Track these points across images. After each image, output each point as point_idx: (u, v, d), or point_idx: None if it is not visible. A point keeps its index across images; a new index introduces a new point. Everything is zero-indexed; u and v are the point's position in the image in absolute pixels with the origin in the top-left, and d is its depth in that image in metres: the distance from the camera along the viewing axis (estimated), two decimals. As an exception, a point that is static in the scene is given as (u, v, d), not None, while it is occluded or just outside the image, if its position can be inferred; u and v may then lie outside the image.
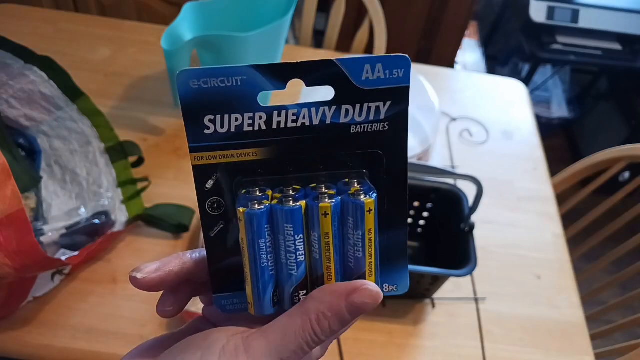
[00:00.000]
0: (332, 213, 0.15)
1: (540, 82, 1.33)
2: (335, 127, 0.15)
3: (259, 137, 0.15)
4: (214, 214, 0.16)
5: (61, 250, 0.43)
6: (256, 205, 0.15)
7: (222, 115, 0.15)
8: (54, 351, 0.40)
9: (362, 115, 0.15)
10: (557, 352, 0.46)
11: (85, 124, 0.49)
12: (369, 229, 0.15)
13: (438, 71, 0.73)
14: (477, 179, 0.41)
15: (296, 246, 0.15)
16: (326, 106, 0.15)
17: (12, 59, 0.46)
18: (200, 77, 0.14)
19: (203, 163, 0.15)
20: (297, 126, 0.15)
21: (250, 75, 0.15)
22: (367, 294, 0.15)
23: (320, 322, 0.15)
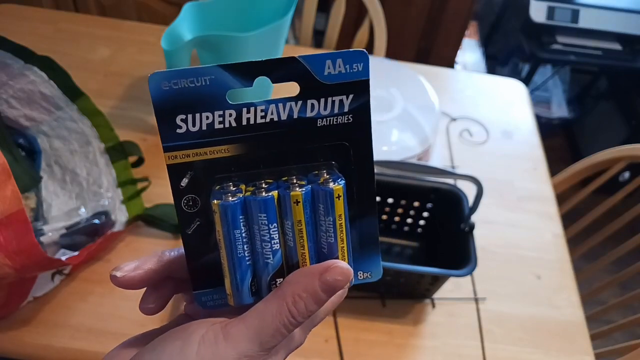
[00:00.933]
0: (304, 201, 0.16)
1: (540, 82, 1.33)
2: (303, 121, 0.16)
3: (230, 134, 0.16)
4: (190, 212, 0.16)
5: (61, 250, 0.43)
6: (230, 197, 0.16)
7: (193, 114, 0.15)
8: (54, 351, 0.40)
9: (327, 109, 0.16)
10: (557, 352, 0.46)
11: (85, 124, 0.49)
12: (339, 215, 0.16)
13: (438, 71, 0.73)
14: (477, 179, 0.41)
15: (271, 235, 0.16)
16: (292, 101, 0.16)
17: (12, 59, 0.46)
18: (171, 78, 0.15)
19: (177, 162, 0.16)
20: (265, 122, 0.16)
21: (218, 75, 0.15)
22: (338, 272, 0.15)
23: (296, 303, 0.15)
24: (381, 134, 0.56)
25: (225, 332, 0.15)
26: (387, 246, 0.51)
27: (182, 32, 0.52)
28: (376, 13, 0.75)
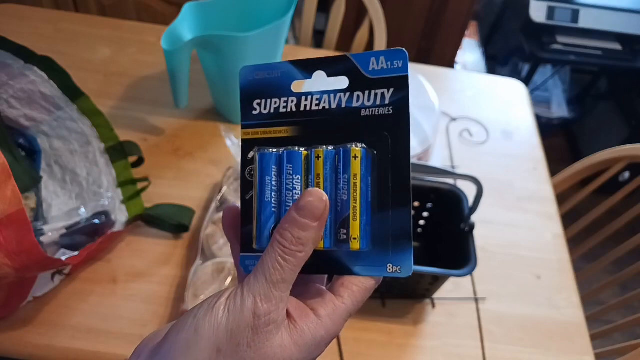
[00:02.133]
0: (325, 157, 0.18)
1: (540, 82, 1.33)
2: (349, 110, 0.18)
3: (290, 118, 0.19)
4: (250, 180, 0.19)
5: (61, 250, 0.43)
6: (269, 150, 0.19)
7: (265, 99, 0.19)
8: (54, 351, 0.40)
9: (370, 100, 0.18)
10: (557, 352, 0.46)
11: (85, 124, 0.49)
12: (354, 174, 0.18)
13: (438, 71, 0.73)
14: (477, 179, 0.41)
15: (294, 184, 0.18)
16: (342, 93, 0.18)
17: (12, 59, 0.46)
18: (255, 70, 0.19)
19: (248, 137, 0.19)
20: (319, 109, 0.19)
21: (287, 68, 0.19)
22: (308, 194, 0.17)
23: (283, 234, 0.17)
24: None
25: (244, 283, 0.17)
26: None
27: (182, 32, 0.52)
28: (376, 13, 0.75)
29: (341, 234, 0.18)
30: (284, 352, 0.16)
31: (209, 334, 0.16)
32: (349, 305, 0.18)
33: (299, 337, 0.17)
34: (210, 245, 0.45)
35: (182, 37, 0.51)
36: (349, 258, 0.18)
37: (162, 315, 0.43)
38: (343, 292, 0.18)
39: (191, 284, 0.42)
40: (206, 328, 0.16)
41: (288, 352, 0.16)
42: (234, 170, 0.51)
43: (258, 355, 0.16)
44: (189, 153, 0.56)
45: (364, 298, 0.18)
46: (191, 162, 0.55)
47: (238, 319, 0.16)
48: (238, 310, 0.16)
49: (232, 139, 0.51)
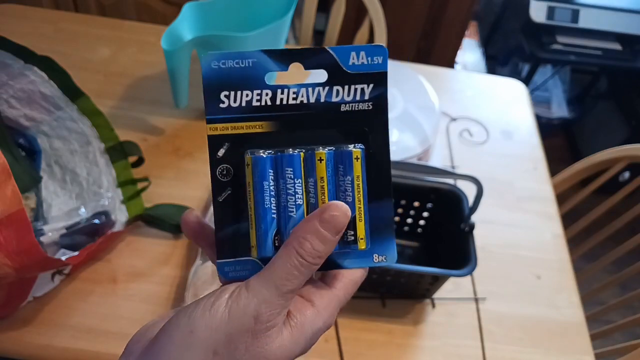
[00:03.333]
0: (327, 159, 0.17)
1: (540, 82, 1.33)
2: (329, 105, 0.18)
3: (265, 112, 0.17)
4: (223, 180, 0.18)
5: (61, 250, 0.43)
6: (262, 153, 0.17)
7: (235, 92, 0.17)
8: (54, 351, 0.40)
9: (350, 95, 0.18)
10: (557, 352, 0.46)
11: (85, 124, 0.49)
12: (357, 176, 0.18)
13: (438, 71, 0.73)
14: (477, 179, 0.41)
15: (295, 189, 0.17)
16: (321, 87, 0.18)
17: (12, 59, 0.46)
18: (220, 59, 0.17)
19: (216, 133, 0.17)
20: (296, 103, 0.18)
21: (260, 58, 0.17)
22: (333, 207, 0.17)
23: (302, 244, 0.16)
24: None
25: (246, 285, 0.16)
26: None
27: (182, 32, 0.52)
28: (376, 13, 0.75)
29: (348, 236, 0.18)
30: (283, 351, 0.16)
31: (206, 336, 0.15)
32: (341, 296, 0.18)
33: (299, 334, 0.17)
34: (210, 245, 0.45)
35: (182, 37, 0.51)
36: (337, 252, 0.18)
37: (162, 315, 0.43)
38: (336, 283, 0.18)
39: (191, 284, 0.42)
40: (203, 329, 0.15)
41: (287, 351, 0.16)
42: (234, 170, 0.51)
43: (256, 358, 0.16)
44: (189, 153, 0.56)
45: (354, 289, 0.19)
46: (191, 162, 0.55)
47: (238, 323, 0.15)
48: (240, 314, 0.16)
49: (232, 139, 0.50)
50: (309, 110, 0.18)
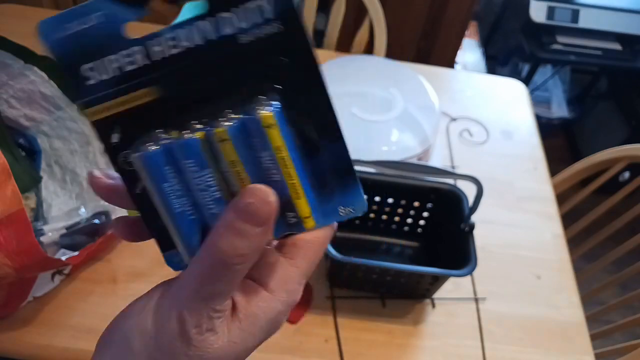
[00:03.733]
0: (231, 137, 0.13)
1: (540, 82, 1.33)
2: (222, 42, 0.13)
3: (145, 75, 0.13)
4: (131, 169, 0.14)
5: (61, 250, 0.43)
6: (150, 147, 0.13)
7: (97, 61, 0.13)
8: (54, 351, 0.40)
9: (246, 20, 0.13)
10: (557, 352, 0.46)
11: (85, 124, 0.49)
12: (276, 147, 0.13)
13: (438, 71, 0.73)
14: (477, 179, 0.41)
15: (206, 182, 0.14)
16: (202, 20, 0.13)
17: (12, 59, 0.46)
18: (60, 23, 0.13)
19: (101, 117, 0.14)
20: (181, 51, 0.13)
21: (107, 8, 0.13)
22: (248, 194, 0.13)
23: (217, 242, 0.13)
24: (381, 134, 0.56)
25: (169, 288, 0.14)
26: (387, 246, 0.51)
27: (182, 32, 0.51)
28: (376, 13, 0.75)
29: (289, 218, 0.14)
30: (234, 349, 0.14)
31: (141, 349, 0.14)
32: (304, 268, 0.15)
33: (251, 324, 0.14)
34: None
35: (182, 37, 0.51)
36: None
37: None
38: (295, 253, 0.15)
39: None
40: (137, 342, 0.14)
41: (239, 346, 0.14)
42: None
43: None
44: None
45: (319, 255, 0.15)
46: (191, 162, 0.55)
47: (166, 332, 0.14)
48: (165, 323, 0.14)
49: (232, 139, 0.50)
50: (199, 56, 0.13)
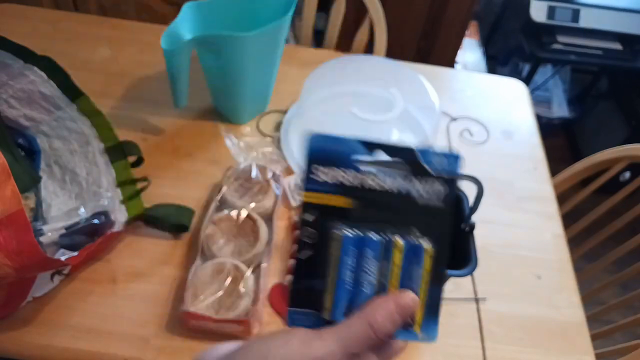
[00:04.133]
0: (404, 250, 0.20)
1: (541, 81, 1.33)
2: (406, 196, 0.20)
3: (350, 190, 0.20)
4: (307, 242, 0.20)
5: (60, 250, 0.43)
6: (348, 232, 0.20)
7: (329, 168, 0.20)
8: (54, 351, 0.40)
9: (427, 192, 0.20)
10: (557, 352, 0.46)
11: (85, 124, 0.49)
12: (426, 270, 0.20)
13: (438, 71, 0.73)
14: (478, 179, 0.40)
15: (370, 269, 0.20)
16: (401, 178, 0.20)
17: (12, 59, 0.46)
18: (325, 140, 0.20)
19: (310, 201, 0.20)
20: (377, 187, 0.20)
21: (353, 145, 0.20)
22: (411, 298, 0.20)
23: (377, 321, 0.19)
24: (381, 134, 0.56)
25: (319, 334, 0.19)
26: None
27: (181, 32, 0.52)
28: (376, 13, 0.75)
29: (409, 320, 0.21)
30: None
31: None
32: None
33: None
34: (210, 245, 0.45)
35: (182, 37, 0.51)
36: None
37: (161, 315, 0.43)
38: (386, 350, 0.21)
39: (191, 284, 0.42)
40: (277, 354, 0.18)
41: None
42: (233, 170, 0.51)
43: None
44: (188, 153, 0.56)
45: (396, 355, 0.21)
46: (191, 162, 0.55)
47: (310, 356, 0.18)
48: (307, 356, 0.18)
49: (231, 139, 0.51)
50: (387, 197, 0.20)
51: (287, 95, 0.64)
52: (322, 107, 0.59)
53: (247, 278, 0.42)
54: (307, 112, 0.58)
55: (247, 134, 0.59)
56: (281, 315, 0.44)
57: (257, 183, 0.50)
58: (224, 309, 0.41)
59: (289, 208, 0.52)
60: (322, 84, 0.59)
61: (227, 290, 0.42)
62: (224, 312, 0.41)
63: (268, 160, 0.52)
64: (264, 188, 0.50)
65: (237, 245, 0.46)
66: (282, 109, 0.62)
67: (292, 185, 0.52)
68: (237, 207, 0.47)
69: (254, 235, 0.46)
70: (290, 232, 0.50)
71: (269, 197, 0.49)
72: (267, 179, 0.50)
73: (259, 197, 0.49)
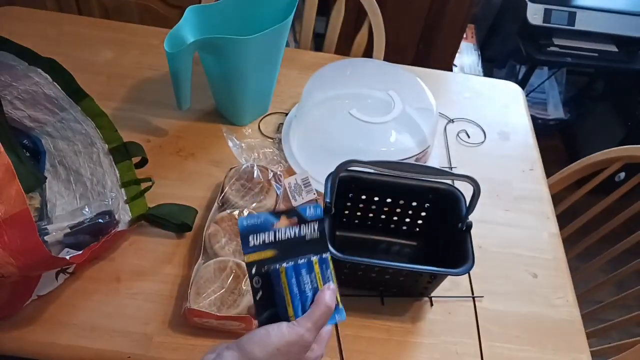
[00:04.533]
0: (319, 262, 0.33)
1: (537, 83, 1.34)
2: (300, 238, 0.32)
3: (272, 244, 0.31)
4: (256, 286, 0.31)
5: (65, 250, 0.44)
6: (285, 264, 0.32)
7: (257, 235, 0.31)
8: (58, 349, 0.41)
9: (309, 230, 0.32)
10: (553, 350, 0.47)
11: (89, 125, 0.50)
12: (332, 270, 0.33)
13: (436, 74, 0.74)
14: (474, 179, 0.41)
15: (306, 280, 0.32)
16: (297, 227, 0.32)
17: (17, 61, 0.47)
18: (249, 220, 0.31)
19: (250, 260, 0.31)
20: (285, 238, 0.32)
21: (267, 217, 0.31)
22: (332, 285, 0.32)
23: (327, 302, 0.31)
24: (380, 135, 0.56)
25: (297, 321, 0.30)
26: (387, 245, 0.52)
27: (184, 35, 0.52)
28: (375, 16, 0.76)
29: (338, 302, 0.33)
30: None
31: (276, 338, 0.29)
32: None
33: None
34: (212, 244, 0.45)
35: (185, 39, 0.52)
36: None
37: (165, 313, 0.44)
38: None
39: (194, 283, 0.42)
40: (275, 334, 0.29)
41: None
42: (235, 170, 0.51)
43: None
44: (191, 154, 0.57)
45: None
46: (194, 163, 0.56)
47: (293, 338, 0.29)
48: (293, 333, 0.29)
49: (233, 140, 0.51)
50: (292, 241, 0.32)
51: (288, 98, 0.65)
52: (322, 109, 0.60)
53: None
54: (308, 113, 0.59)
55: (248, 135, 0.59)
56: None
57: (259, 183, 0.50)
58: (226, 306, 0.41)
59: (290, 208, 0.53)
60: (322, 86, 0.60)
61: (229, 288, 0.42)
62: (226, 309, 0.41)
63: (269, 160, 0.53)
64: (265, 188, 0.50)
65: (238, 244, 0.47)
66: (283, 111, 0.63)
67: (293, 185, 0.53)
68: (238, 207, 0.48)
69: (255, 235, 0.46)
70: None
71: (270, 197, 0.50)
72: (268, 179, 0.51)
73: (261, 197, 0.50)
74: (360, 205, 0.49)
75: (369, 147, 0.54)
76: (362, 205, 0.49)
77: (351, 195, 0.49)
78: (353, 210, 0.50)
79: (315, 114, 0.59)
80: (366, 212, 0.50)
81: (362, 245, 0.51)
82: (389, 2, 0.99)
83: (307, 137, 0.58)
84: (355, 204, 0.49)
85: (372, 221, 0.51)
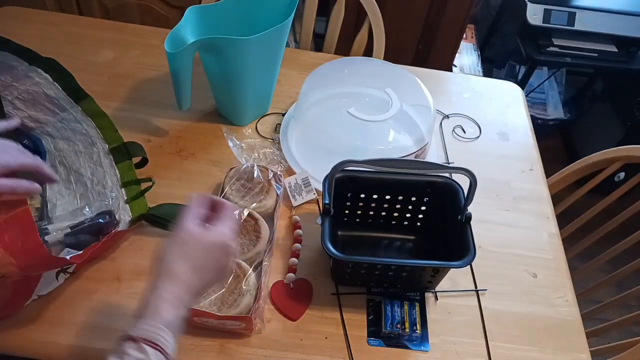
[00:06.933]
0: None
1: (537, 84, 1.34)
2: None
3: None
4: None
5: (65, 249, 0.44)
6: None
7: None
8: (59, 348, 0.41)
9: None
10: (553, 350, 0.47)
11: (90, 125, 0.50)
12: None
13: (436, 74, 0.74)
14: (470, 170, 0.41)
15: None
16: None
17: (17, 61, 0.47)
18: None
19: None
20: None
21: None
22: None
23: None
24: (378, 133, 0.57)
25: (207, 226, 0.35)
26: (388, 241, 0.52)
27: (184, 35, 0.52)
28: (375, 17, 0.76)
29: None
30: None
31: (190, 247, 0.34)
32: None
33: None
34: (213, 244, 0.45)
35: (185, 40, 0.52)
36: None
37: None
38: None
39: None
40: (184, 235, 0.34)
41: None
42: (235, 170, 0.52)
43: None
44: (191, 154, 0.57)
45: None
46: (194, 163, 0.56)
47: (216, 236, 0.34)
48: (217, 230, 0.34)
49: (233, 140, 0.51)
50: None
51: (288, 98, 0.65)
52: (320, 108, 0.60)
53: (249, 276, 0.43)
54: (305, 113, 0.59)
55: (248, 135, 0.59)
56: (282, 312, 0.45)
57: (259, 183, 0.50)
58: (227, 306, 0.42)
59: (290, 207, 0.53)
60: (320, 85, 0.60)
61: (230, 287, 0.42)
62: (226, 309, 0.41)
63: (269, 160, 0.53)
64: (265, 188, 0.50)
65: (239, 244, 0.47)
66: (283, 111, 0.63)
67: (293, 185, 0.53)
68: (239, 207, 0.48)
69: (255, 234, 0.46)
70: (291, 231, 0.51)
71: (270, 197, 0.50)
72: (268, 179, 0.51)
73: (261, 196, 0.50)
74: (360, 204, 0.50)
75: (368, 146, 0.54)
76: (362, 204, 0.50)
77: (350, 195, 0.49)
78: (354, 209, 0.50)
79: (313, 113, 0.59)
80: (367, 210, 0.50)
81: (364, 243, 0.51)
82: (389, 2, 0.99)
83: (305, 137, 0.58)
84: (355, 203, 0.50)
85: (374, 219, 0.51)
